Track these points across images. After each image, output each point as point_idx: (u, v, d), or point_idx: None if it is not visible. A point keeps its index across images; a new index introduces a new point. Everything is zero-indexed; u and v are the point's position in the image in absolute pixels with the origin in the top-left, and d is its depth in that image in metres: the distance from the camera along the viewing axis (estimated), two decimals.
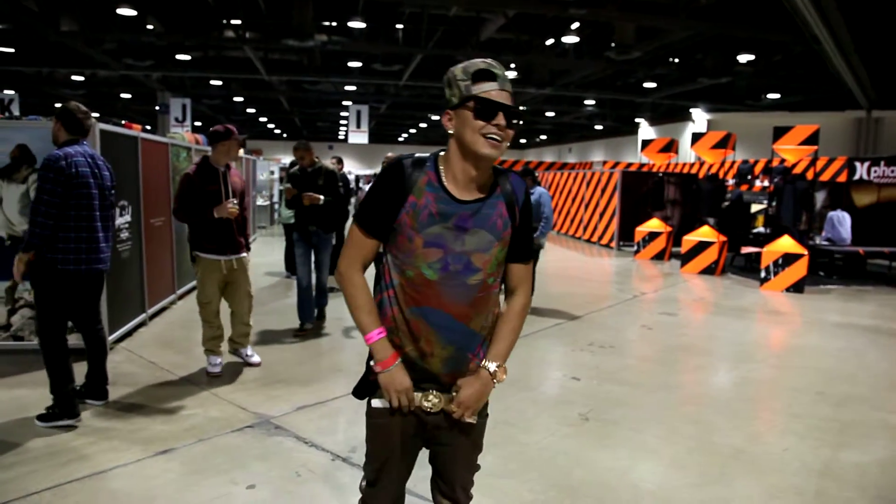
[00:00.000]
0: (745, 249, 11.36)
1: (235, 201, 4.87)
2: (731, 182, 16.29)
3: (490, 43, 16.46)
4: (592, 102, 24.87)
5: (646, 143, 14.10)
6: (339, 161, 9.51)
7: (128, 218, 5.95)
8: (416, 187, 1.79)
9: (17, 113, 16.54)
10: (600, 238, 15.18)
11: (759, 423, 4.38)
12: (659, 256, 12.79)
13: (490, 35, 15.99)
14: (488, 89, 1.73)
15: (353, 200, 12.29)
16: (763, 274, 9.63)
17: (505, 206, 1.85)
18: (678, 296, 9.07)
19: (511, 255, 1.90)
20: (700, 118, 22.32)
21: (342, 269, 1.88)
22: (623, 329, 6.93)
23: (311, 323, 6.27)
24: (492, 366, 1.87)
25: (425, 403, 1.86)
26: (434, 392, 1.86)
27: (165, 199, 7.05)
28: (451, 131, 1.80)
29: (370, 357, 1.88)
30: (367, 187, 12.85)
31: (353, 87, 22.92)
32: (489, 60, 1.77)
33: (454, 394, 1.86)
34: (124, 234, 5.87)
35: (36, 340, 4.19)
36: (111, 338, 5.57)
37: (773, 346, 6.63)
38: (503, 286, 1.97)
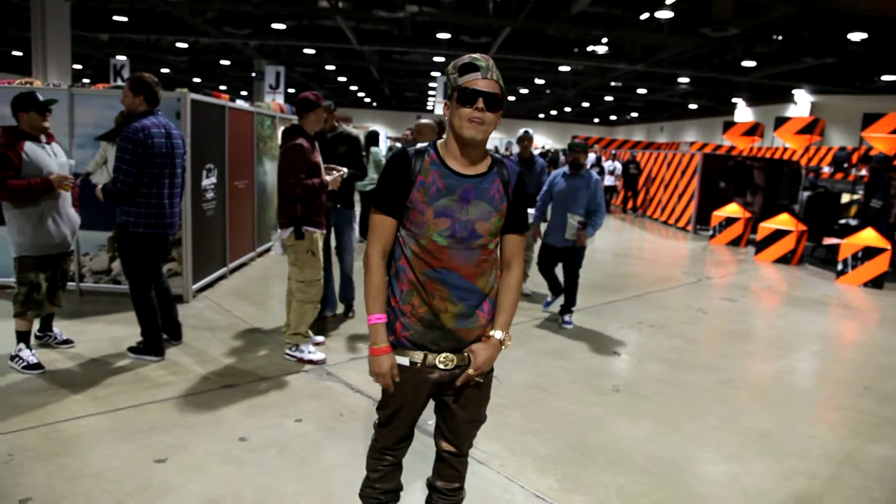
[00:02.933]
0: (828, 240, 10.93)
1: (344, 171, 4.83)
2: (825, 170, 15.55)
3: (581, 17, 16.17)
4: (686, 80, 23.98)
5: (728, 126, 13.63)
6: (374, 134, 9.47)
7: (214, 180, 6.53)
8: (422, 168, 2.10)
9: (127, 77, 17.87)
10: (677, 220, 14.91)
11: (792, 410, 4.43)
12: (735, 243, 12.48)
13: (581, 9, 15.70)
14: (471, 79, 2.00)
15: None
16: (840, 266, 9.31)
17: (501, 183, 2.14)
18: (745, 283, 8.93)
19: (506, 226, 2.18)
20: (803, 100, 21.19)
21: (368, 254, 2.19)
22: (677, 311, 6.98)
23: (331, 311, 5.79)
24: (499, 334, 2.18)
25: (439, 364, 2.16)
26: (450, 355, 2.17)
27: (249, 164, 7.64)
28: (447, 118, 2.10)
29: (391, 323, 2.19)
30: None
31: (442, 59, 23.15)
32: (474, 55, 2.04)
33: (465, 355, 2.16)
34: (209, 195, 6.46)
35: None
36: (195, 287, 6.20)
37: (831, 338, 6.52)
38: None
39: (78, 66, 25.67)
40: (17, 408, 3.68)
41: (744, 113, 25.52)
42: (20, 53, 22.66)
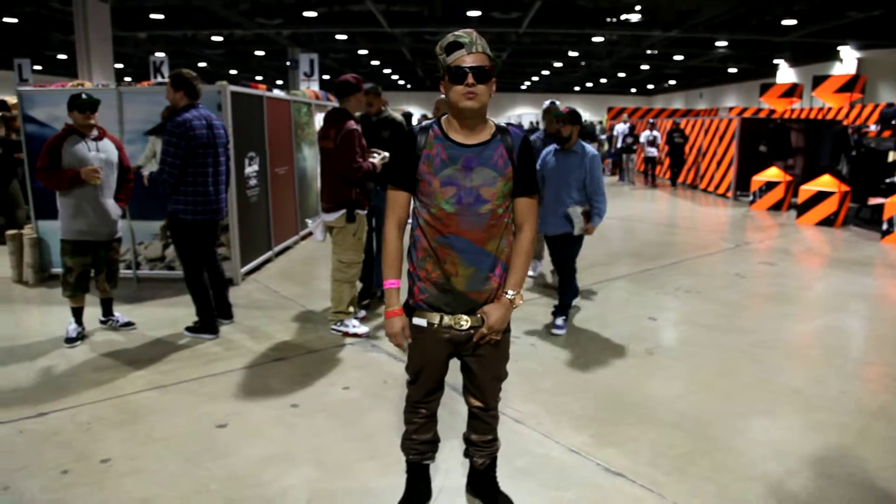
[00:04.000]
0: (873, 200, 10.69)
1: (386, 155, 4.79)
2: (872, 128, 15.08)
3: None
4: (724, 44, 23.39)
5: (765, 88, 13.33)
6: (407, 115, 9.56)
7: (256, 167, 6.82)
8: (427, 143, 2.28)
9: (167, 73, 18.38)
10: (716, 188, 14.72)
11: (825, 367, 4.48)
12: (776, 207, 12.30)
13: None
14: (458, 57, 2.16)
15: None
16: (885, 226, 9.14)
17: (504, 149, 2.29)
18: (785, 246, 8.85)
19: (516, 190, 2.33)
20: (849, 57, 20.48)
21: (385, 228, 2.40)
22: (714, 276, 7.01)
23: (378, 287, 5.61)
24: (510, 293, 2.34)
25: (455, 325, 2.35)
26: (463, 316, 2.35)
27: (288, 151, 7.91)
28: (444, 95, 2.26)
29: (410, 288, 2.40)
30: None
31: None
32: (458, 32, 2.19)
33: (479, 316, 2.33)
34: (252, 182, 6.75)
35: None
36: (243, 270, 6.52)
37: (872, 298, 6.46)
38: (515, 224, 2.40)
39: (119, 66, 26.47)
40: (90, 383, 4.03)
41: (786, 74, 24.78)
42: (65, 56, 23.50)
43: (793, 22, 18.15)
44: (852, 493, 2.90)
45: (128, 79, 25.42)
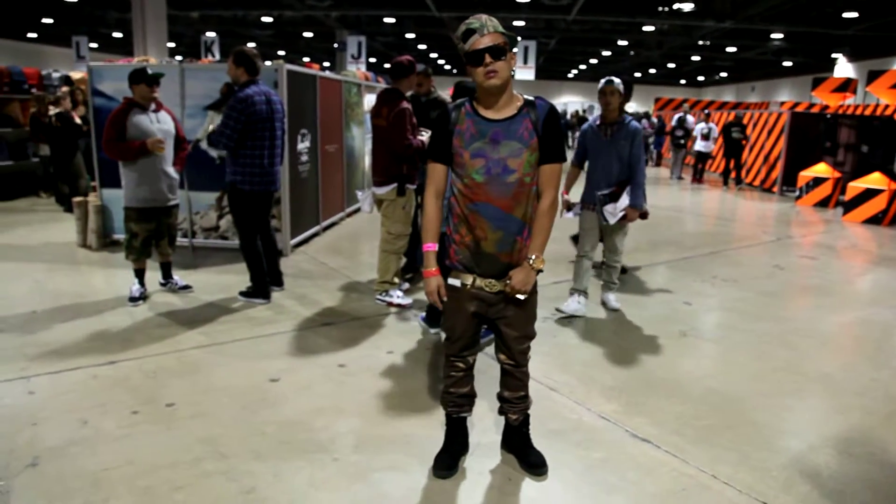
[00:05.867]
0: None
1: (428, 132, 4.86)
2: None
3: None
4: (780, 36, 22.86)
5: (818, 82, 13.06)
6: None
7: (307, 144, 7.09)
8: (459, 118, 2.51)
9: (217, 52, 18.88)
10: (763, 182, 14.51)
11: (856, 356, 4.55)
12: (823, 204, 12.10)
13: None
14: (473, 41, 2.36)
15: None
16: None
17: (530, 122, 2.48)
18: (828, 242, 8.78)
19: (541, 157, 2.51)
20: None
21: (425, 196, 2.64)
22: (754, 267, 7.04)
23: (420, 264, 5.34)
24: (531, 257, 2.53)
25: (486, 286, 2.57)
26: (493, 280, 2.57)
27: (338, 129, 8.17)
28: (471, 76, 2.46)
29: (445, 253, 2.63)
30: None
31: (522, 23, 23.04)
32: (469, 19, 2.39)
33: (507, 281, 2.54)
34: (304, 158, 7.03)
35: (237, 240, 5.37)
36: (292, 242, 6.82)
37: None
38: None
39: (171, 45, 27.21)
40: (154, 338, 4.35)
41: (844, 69, 24.12)
42: (120, 35, 24.26)
43: (854, 14, 17.63)
44: (871, 470, 3.01)
45: (179, 57, 26.19)
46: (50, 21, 22.90)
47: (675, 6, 18.40)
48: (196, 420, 3.26)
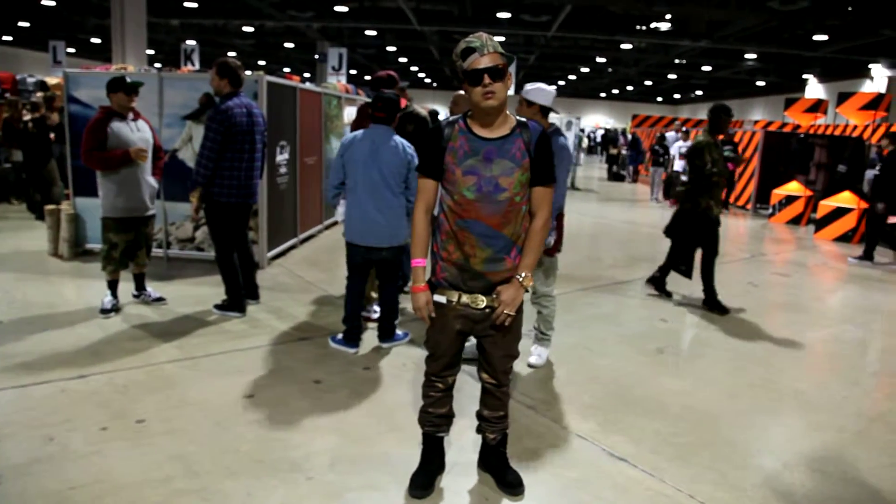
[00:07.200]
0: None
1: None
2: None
3: None
4: (753, 57, 23.35)
5: (790, 102, 13.35)
6: (433, 113, 9.46)
7: (286, 156, 7.05)
8: (452, 135, 2.50)
9: (197, 61, 18.74)
10: (736, 199, 14.73)
11: (830, 373, 4.62)
12: (795, 221, 12.32)
13: None
14: (473, 60, 2.35)
15: None
16: None
17: (522, 143, 2.48)
18: (801, 259, 8.93)
19: (532, 179, 2.51)
20: (880, 75, 20.35)
21: (414, 212, 2.62)
22: (727, 285, 7.08)
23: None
24: (521, 275, 2.52)
25: (472, 304, 2.54)
26: (480, 296, 2.54)
27: (317, 141, 8.13)
28: (463, 92, 2.45)
29: (433, 267, 2.61)
30: None
31: (502, 38, 23.22)
32: (469, 38, 2.37)
33: (495, 297, 2.52)
34: (283, 170, 6.98)
35: (213, 252, 5.30)
36: (269, 254, 6.75)
37: (883, 312, 6.54)
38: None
39: (151, 52, 26.98)
40: (126, 351, 4.26)
41: (815, 90, 24.70)
42: (98, 40, 23.98)
43: (824, 37, 18.07)
44: (844, 489, 3.04)
45: (158, 65, 25.96)
46: (26, 24, 22.57)
47: (653, 25, 18.72)
48: (167, 437, 3.19)
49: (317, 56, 24.05)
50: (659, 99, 43.50)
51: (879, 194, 8.90)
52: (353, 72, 29.48)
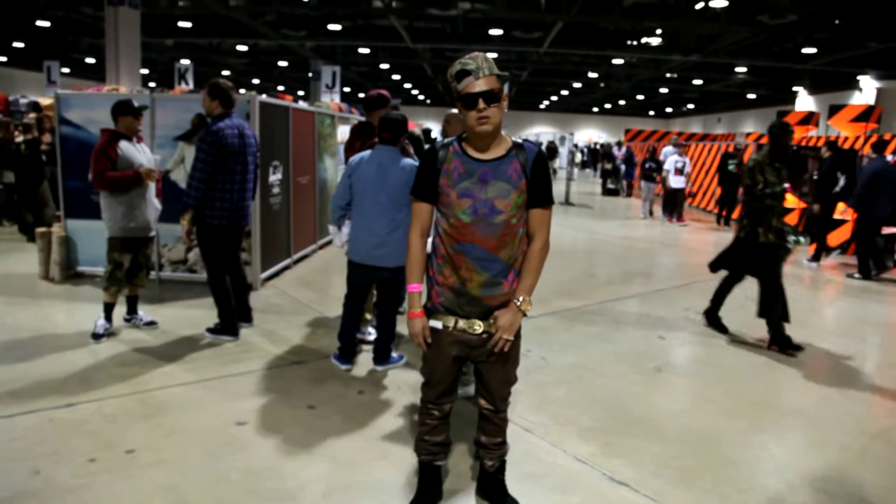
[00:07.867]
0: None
1: None
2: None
3: (634, 8, 16.06)
4: (743, 70, 23.51)
5: (781, 115, 13.39)
6: (426, 131, 9.41)
7: (279, 176, 7.01)
8: (447, 158, 2.45)
9: (191, 80, 18.76)
10: (731, 212, 14.71)
11: (830, 389, 4.56)
12: None
13: (635, 0, 15.70)
14: (468, 84, 2.29)
15: None
16: None
17: (519, 164, 2.43)
18: (796, 272, 8.91)
19: (529, 201, 2.46)
20: (868, 87, 20.48)
21: (409, 236, 2.57)
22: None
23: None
24: (519, 299, 2.47)
25: (469, 329, 2.49)
26: (477, 321, 2.49)
27: (311, 161, 8.10)
28: (461, 117, 2.41)
29: (429, 291, 2.56)
30: None
31: (495, 55, 23.33)
32: (464, 59, 2.32)
33: (492, 321, 2.47)
34: (275, 190, 6.94)
35: (205, 274, 5.24)
36: (263, 275, 6.68)
37: (881, 325, 6.51)
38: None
39: (144, 71, 27.01)
40: (116, 377, 4.19)
41: (805, 102, 24.85)
42: (93, 60, 24.00)
43: (813, 50, 18.22)
44: None
45: (152, 84, 25.94)
46: (21, 45, 22.58)
47: (644, 40, 18.85)
48: (158, 467, 3.11)
49: (310, 74, 24.11)
50: (651, 113, 43.72)
51: (818, 197, 9.45)
52: (346, 89, 29.58)
